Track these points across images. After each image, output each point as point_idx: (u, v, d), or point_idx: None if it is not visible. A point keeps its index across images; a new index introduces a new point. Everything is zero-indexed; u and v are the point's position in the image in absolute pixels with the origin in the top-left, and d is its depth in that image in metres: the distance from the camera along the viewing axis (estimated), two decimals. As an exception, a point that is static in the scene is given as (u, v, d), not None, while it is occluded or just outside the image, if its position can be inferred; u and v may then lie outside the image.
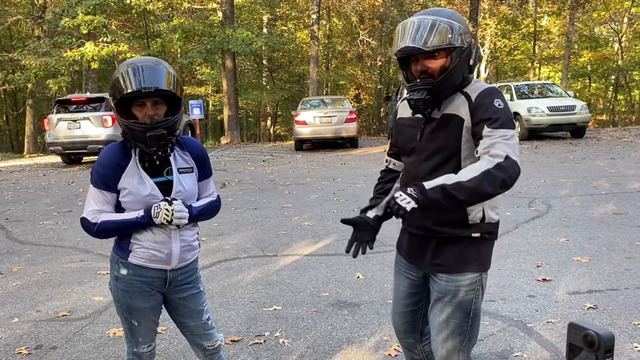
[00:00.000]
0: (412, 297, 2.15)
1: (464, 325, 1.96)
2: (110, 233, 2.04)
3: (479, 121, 1.82)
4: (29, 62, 17.82)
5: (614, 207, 6.37)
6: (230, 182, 9.84)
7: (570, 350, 0.89)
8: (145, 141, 1.98)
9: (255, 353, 3.17)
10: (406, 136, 2.07)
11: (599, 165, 9.71)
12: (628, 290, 3.86)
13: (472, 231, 1.93)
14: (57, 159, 15.27)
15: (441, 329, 1.97)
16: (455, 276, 1.94)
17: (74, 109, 13.46)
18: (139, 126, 1.96)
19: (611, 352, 0.84)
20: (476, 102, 1.86)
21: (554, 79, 33.83)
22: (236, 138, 21.10)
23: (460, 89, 1.93)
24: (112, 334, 3.50)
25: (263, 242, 5.62)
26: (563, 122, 14.26)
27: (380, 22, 29.87)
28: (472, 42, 1.91)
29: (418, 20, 1.86)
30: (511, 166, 1.72)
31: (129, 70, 1.93)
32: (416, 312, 2.17)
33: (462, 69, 1.89)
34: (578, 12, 25.19)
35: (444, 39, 1.83)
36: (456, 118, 1.89)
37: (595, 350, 0.83)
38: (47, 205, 8.21)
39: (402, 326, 2.20)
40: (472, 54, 1.92)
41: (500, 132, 1.78)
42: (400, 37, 1.88)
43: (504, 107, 1.85)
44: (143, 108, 2.00)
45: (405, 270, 2.16)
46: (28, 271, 4.93)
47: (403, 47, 1.86)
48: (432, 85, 1.87)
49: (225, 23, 20.21)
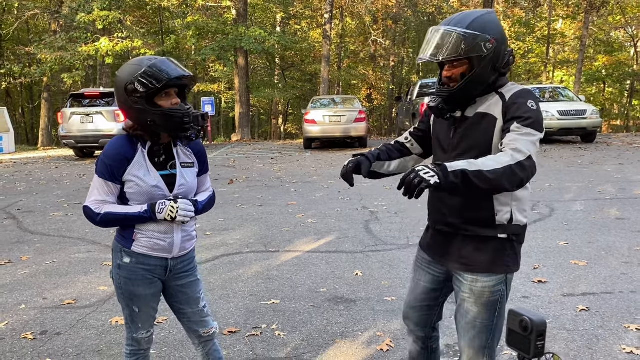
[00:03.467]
0: (432, 293, 2.18)
1: (490, 325, 1.98)
2: (112, 224, 2.13)
3: (510, 119, 1.85)
4: (45, 56, 18.12)
5: (617, 212, 6.39)
6: (238, 179, 9.96)
7: (509, 335, 0.96)
8: (180, 127, 2.08)
9: (251, 344, 3.27)
10: (439, 132, 2.11)
11: (606, 171, 9.69)
12: (622, 294, 3.90)
13: (499, 232, 1.94)
14: (70, 152, 15.52)
15: (468, 329, 1.99)
16: (481, 276, 1.95)
17: (87, 103, 13.70)
18: (179, 112, 2.07)
19: (543, 336, 0.91)
20: (509, 101, 1.89)
21: (568, 82, 33.59)
22: (247, 135, 21.26)
23: (496, 90, 1.96)
24: (114, 322, 3.61)
25: (266, 238, 5.72)
26: (573, 127, 14.20)
27: (393, 23, 29.87)
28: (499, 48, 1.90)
29: (435, 31, 1.94)
30: (531, 167, 1.74)
31: (156, 62, 2.04)
32: (433, 307, 2.21)
33: (485, 75, 1.91)
34: (593, 16, 25.02)
35: (456, 50, 1.87)
36: (489, 117, 1.93)
37: (528, 334, 0.90)
38: (58, 197, 8.38)
39: (417, 319, 2.24)
40: (499, 59, 1.92)
41: (528, 130, 1.80)
42: (423, 46, 1.98)
43: (536, 109, 1.86)
44: (169, 97, 2.10)
45: (428, 266, 2.17)
46: (37, 260, 5.08)
47: (420, 57, 1.97)
48: (449, 93, 1.94)
49: (238, 21, 20.37)
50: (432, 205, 2.13)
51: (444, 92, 1.96)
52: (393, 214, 6.63)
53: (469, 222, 1.96)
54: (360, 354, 3.13)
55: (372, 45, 29.21)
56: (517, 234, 1.97)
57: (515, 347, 1.15)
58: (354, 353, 3.14)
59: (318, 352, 3.15)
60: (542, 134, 1.83)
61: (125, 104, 2.08)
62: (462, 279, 2.00)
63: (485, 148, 1.91)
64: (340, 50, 30.26)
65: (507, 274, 1.98)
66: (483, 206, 1.93)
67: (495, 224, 1.94)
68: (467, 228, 1.97)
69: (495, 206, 1.93)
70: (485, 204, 1.93)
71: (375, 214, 6.70)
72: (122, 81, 2.06)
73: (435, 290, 2.18)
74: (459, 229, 1.99)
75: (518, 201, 1.95)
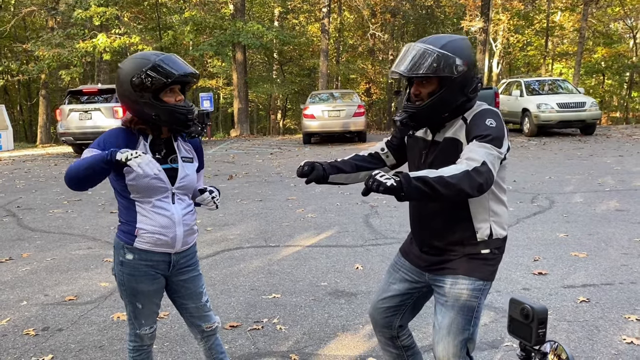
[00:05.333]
0: (401, 298, 2.19)
1: (465, 332, 2.00)
2: (77, 176, 1.96)
3: (471, 138, 1.89)
4: (42, 53, 18.05)
5: (617, 204, 6.39)
6: (238, 175, 9.96)
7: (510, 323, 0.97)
8: (184, 123, 2.09)
9: (253, 338, 3.28)
10: (412, 154, 2.17)
11: (605, 162, 9.70)
12: (622, 285, 3.91)
13: (481, 248, 2.00)
14: (68, 149, 15.49)
15: (443, 335, 2.00)
16: (462, 279, 1.99)
17: (85, 100, 13.66)
18: (183, 108, 2.08)
19: (544, 324, 0.91)
20: (470, 123, 1.95)
21: (567, 75, 33.55)
22: (246, 131, 21.23)
23: (462, 114, 2.00)
24: (115, 317, 3.62)
25: (266, 232, 5.72)
26: (572, 119, 14.21)
27: (392, 16, 29.74)
28: (468, 73, 1.94)
29: (411, 47, 1.97)
30: (487, 172, 1.77)
31: (164, 58, 2.05)
32: (398, 309, 2.21)
33: (452, 97, 1.94)
34: (592, 8, 24.95)
35: (429, 69, 1.90)
36: (457, 142, 1.98)
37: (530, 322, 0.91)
38: (57, 194, 8.38)
39: (382, 321, 2.24)
40: (467, 83, 1.95)
41: (484, 144, 1.84)
42: (397, 61, 1.99)
43: (495, 125, 1.89)
44: (174, 94, 2.10)
45: (406, 272, 2.19)
46: (37, 257, 5.08)
47: (392, 72, 2.00)
48: (416, 110, 1.98)
49: (236, 16, 20.30)
50: (415, 230, 2.16)
51: (411, 109, 1.99)
52: (393, 207, 6.63)
53: (452, 243, 2.02)
54: (362, 346, 3.14)
55: (371, 39, 29.13)
56: (498, 247, 2.04)
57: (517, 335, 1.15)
58: (355, 346, 3.15)
59: (319, 345, 3.16)
60: (502, 150, 1.86)
61: (129, 97, 2.07)
62: (441, 283, 2.04)
63: None
64: (339, 44, 30.18)
65: (486, 282, 2.01)
66: (463, 226, 2.00)
67: (477, 240, 2.00)
68: (451, 249, 2.03)
69: (474, 225, 1.99)
70: (464, 224, 2.00)
71: (375, 208, 6.71)
72: (127, 74, 2.06)
73: (404, 295, 2.19)
74: (444, 250, 2.05)
75: (496, 216, 2.02)
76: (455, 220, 2.00)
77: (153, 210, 2.13)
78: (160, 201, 2.14)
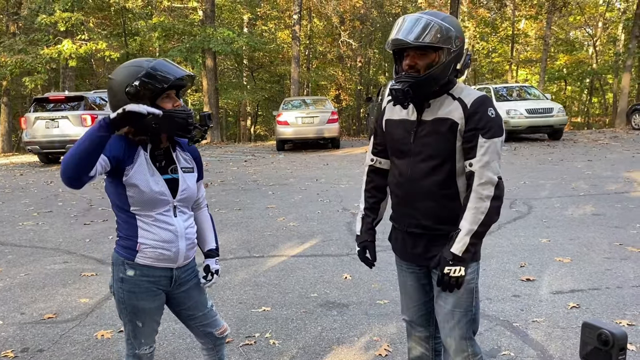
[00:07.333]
0: (423, 289, 2.22)
1: (468, 313, 2.06)
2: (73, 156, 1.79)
3: (473, 129, 1.95)
4: (4, 59, 17.45)
5: (592, 208, 6.52)
6: (213, 182, 9.80)
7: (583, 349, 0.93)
8: (185, 128, 2.01)
9: (247, 354, 3.18)
10: (397, 137, 2.13)
11: (576, 167, 9.92)
12: (609, 290, 3.96)
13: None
14: (34, 158, 14.99)
15: (447, 320, 2.07)
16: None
17: (52, 108, 13.24)
18: (183, 112, 2.01)
19: (624, 349, 0.88)
20: (471, 108, 1.98)
21: (531, 81, 34.41)
22: (216, 138, 21.00)
23: (448, 92, 2.02)
24: (99, 336, 3.46)
25: (249, 243, 5.62)
26: (541, 124, 14.52)
27: (360, 24, 30.02)
28: (462, 48, 2.00)
29: (414, 17, 1.97)
30: (501, 190, 1.95)
31: (156, 64, 1.97)
32: (429, 302, 2.22)
33: (448, 70, 1.99)
34: (555, 16, 25.67)
35: (433, 38, 1.92)
36: (450, 122, 1.99)
37: (609, 348, 0.87)
38: (26, 206, 8.06)
39: (419, 319, 2.26)
40: (461, 59, 2.01)
41: (492, 141, 1.94)
42: (396, 30, 1.98)
43: (495, 115, 1.98)
44: (170, 99, 2.03)
45: (407, 266, 2.23)
46: (10, 273, 4.85)
47: (394, 39, 1.97)
48: (415, 79, 1.97)
49: (205, 22, 20.09)
50: (401, 210, 2.17)
51: (410, 78, 1.98)
52: (374, 215, 6.59)
53: (440, 222, 2.05)
54: (360, 360, 3.08)
55: (341, 46, 29.27)
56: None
57: None
58: (352, 359, 3.09)
59: (316, 359, 3.09)
60: (503, 134, 1.99)
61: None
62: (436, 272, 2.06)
63: (449, 154, 2.01)
64: (309, 51, 30.22)
65: (477, 262, 2.08)
66: (451, 206, 2.04)
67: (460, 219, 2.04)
68: (439, 228, 2.05)
69: (462, 202, 2.03)
70: (452, 203, 2.04)
71: (356, 215, 6.66)
72: (120, 84, 1.96)
73: (424, 285, 2.22)
74: (431, 229, 2.07)
75: None
76: (444, 198, 2.04)
77: (155, 224, 2.04)
78: (161, 215, 2.05)
